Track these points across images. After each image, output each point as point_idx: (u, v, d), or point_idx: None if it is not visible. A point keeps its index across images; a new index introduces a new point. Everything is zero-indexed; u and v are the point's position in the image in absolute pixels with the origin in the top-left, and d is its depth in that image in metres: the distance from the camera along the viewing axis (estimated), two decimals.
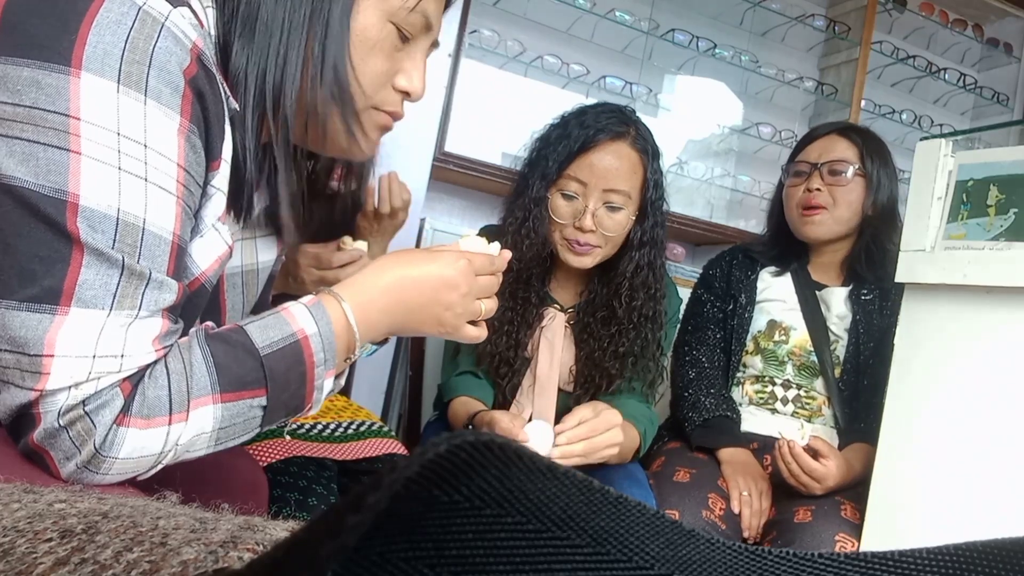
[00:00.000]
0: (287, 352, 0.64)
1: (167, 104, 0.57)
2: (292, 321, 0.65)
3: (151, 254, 0.57)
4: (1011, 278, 1.07)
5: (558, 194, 1.28)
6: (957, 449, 1.13)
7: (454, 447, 0.19)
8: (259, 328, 0.64)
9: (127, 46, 0.55)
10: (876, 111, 2.96)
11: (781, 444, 1.32)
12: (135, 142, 0.56)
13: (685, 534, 0.22)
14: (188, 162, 0.60)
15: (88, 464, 0.56)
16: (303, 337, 0.65)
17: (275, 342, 0.63)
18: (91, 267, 0.54)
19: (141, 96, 0.56)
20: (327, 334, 0.66)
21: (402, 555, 0.21)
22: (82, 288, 0.54)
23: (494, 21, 2.48)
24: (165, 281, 0.59)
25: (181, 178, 0.59)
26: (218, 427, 0.61)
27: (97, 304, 0.55)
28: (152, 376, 0.59)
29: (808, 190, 1.53)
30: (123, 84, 0.55)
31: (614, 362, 1.32)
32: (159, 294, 0.58)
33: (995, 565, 0.21)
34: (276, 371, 0.63)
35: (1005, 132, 2.87)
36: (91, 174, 0.54)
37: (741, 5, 2.80)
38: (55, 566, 0.26)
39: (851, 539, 1.24)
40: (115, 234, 0.55)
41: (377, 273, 0.73)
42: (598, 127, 1.25)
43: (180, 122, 0.58)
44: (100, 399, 0.56)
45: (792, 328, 1.56)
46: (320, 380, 0.67)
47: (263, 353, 0.63)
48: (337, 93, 0.68)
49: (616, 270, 1.32)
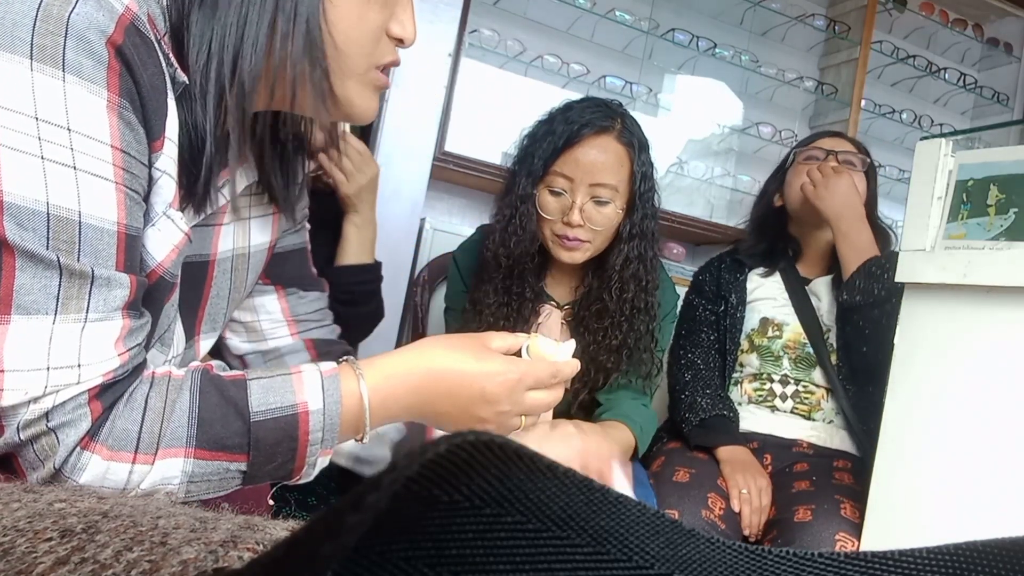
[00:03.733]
0: (280, 423, 0.58)
1: (89, 79, 0.50)
2: (298, 390, 0.60)
3: (93, 249, 0.52)
4: (1011, 278, 1.07)
5: (545, 190, 1.28)
6: (957, 448, 1.13)
7: (454, 447, 0.19)
8: (261, 388, 0.59)
9: (39, 15, 0.48)
10: (876, 111, 2.96)
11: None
12: (56, 126, 0.50)
13: (685, 534, 0.22)
14: (124, 142, 0.53)
15: (52, 479, 0.53)
16: (303, 412, 0.59)
17: (271, 409, 0.58)
18: (25, 270, 0.49)
19: (58, 72, 0.49)
20: (332, 414, 0.60)
21: (402, 555, 0.21)
22: (20, 294, 0.49)
23: (494, 21, 2.48)
24: (113, 277, 0.53)
25: (118, 161, 0.53)
26: (188, 480, 0.56)
27: (39, 310, 0.50)
28: (128, 405, 0.55)
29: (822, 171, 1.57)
30: (36, 60, 0.48)
31: (609, 356, 1.32)
32: (108, 292, 0.53)
33: (995, 565, 0.21)
34: (263, 441, 0.58)
35: (1005, 132, 2.87)
36: (12, 167, 0.48)
37: (741, 5, 2.80)
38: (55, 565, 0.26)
39: (851, 538, 1.24)
40: (47, 231, 0.50)
41: (413, 359, 0.65)
42: (582, 122, 1.25)
43: (108, 97, 0.52)
44: (64, 416, 0.52)
45: (785, 323, 1.59)
46: (313, 458, 0.61)
47: (253, 419, 0.57)
48: (333, 55, 0.63)
49: (607, 263, 1.32)
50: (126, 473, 0.54)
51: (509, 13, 2.52)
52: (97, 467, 0.53)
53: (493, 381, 0.66)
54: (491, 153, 2.39)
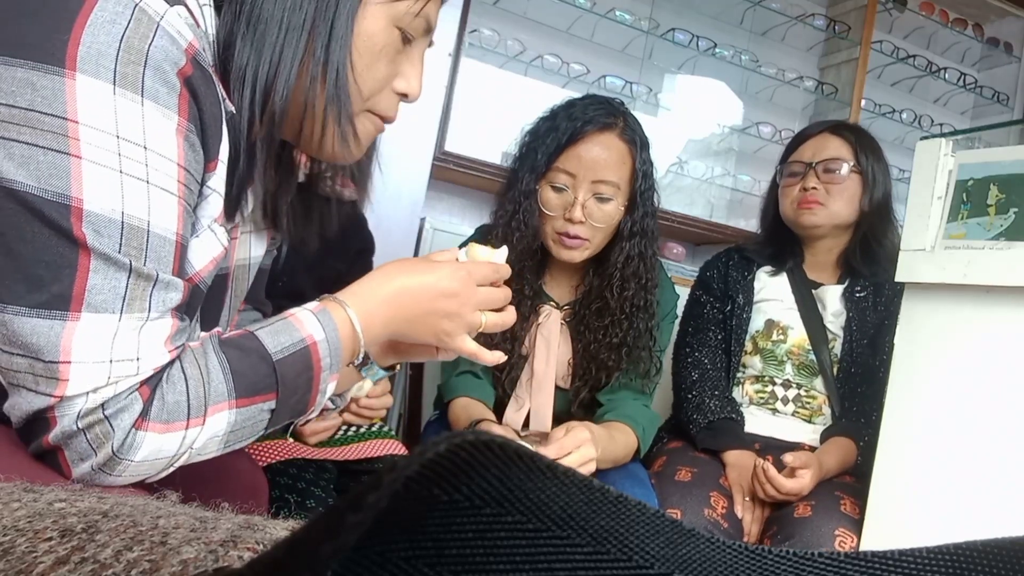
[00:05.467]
0: (297, 358, 0.65)
1: (164, 104, 0.57)
2: (301, 327, 0.66)
3: (156, 255, 0.58)
4: (1011, 278, 1.07)
5: (548, 187, 1.28)
6: (956, 448, 1.13)
7: (454, 447, 0.19)
8: (269, 334, 0.65)
9: (122, 46, 0.54)
10: (876, 110, 2.96)
11: (757, 466, 1.36)
12: (135, 144, 0.56)
13: (685, 533, 0.22)
14: (187, 161, 0.60)
15: (103, 466, 0.57)
16: (312, 343, 0.66)
17: (286, 347, 0.64)
18: (99, 272, 0.54)
19: (138, 97, 0.55)
20: (334, 340, 0.68)
21: (402, 554, 0.21)
22: (91, 293, 0.54)
23: (494, 21, 2.48)
24: (171, 281, 0.59)
25: (182, 177, 0.59)
26: (229, 430, 0.62)
27: (108, 308, 0.55)
28: (170, 381, 0.59)
29: (804, 189, 1.54)
30: (119, 86, 0.54)
31: (609, 354, 1.32)
32: (166, 294, 0.59)
33: (995, 565, 0.21)
34: (287, 376, 0.64)
35: (1005, 132, 2.86)
36: (93, 178, 0.54)
37: (741, 4, 2.80)
38: (55, 565, 0.26)
39: (851, 534, 1.24)
40: (121, 238, 0.55)
41: (379, 282, 0.74)
42: (586, 119, 1.26)
43: (178, 122, 0.58)
44: (119, 403, 0.56)
45: (790, 327, 1.57)
46: (324, 384, 0.68)
47: (275, 359, 0.64)
48: (335, 96, 0.68)
49: (608, 261, 1.32)
50: (179, 440, 0.59)
51: (509, 13, 2.52)
52: (153, 442, 0.57)
53: (447, 279, 0.76)
54: (491, 153, 2.39)
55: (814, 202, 1.52)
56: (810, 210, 1.53)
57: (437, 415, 1.53)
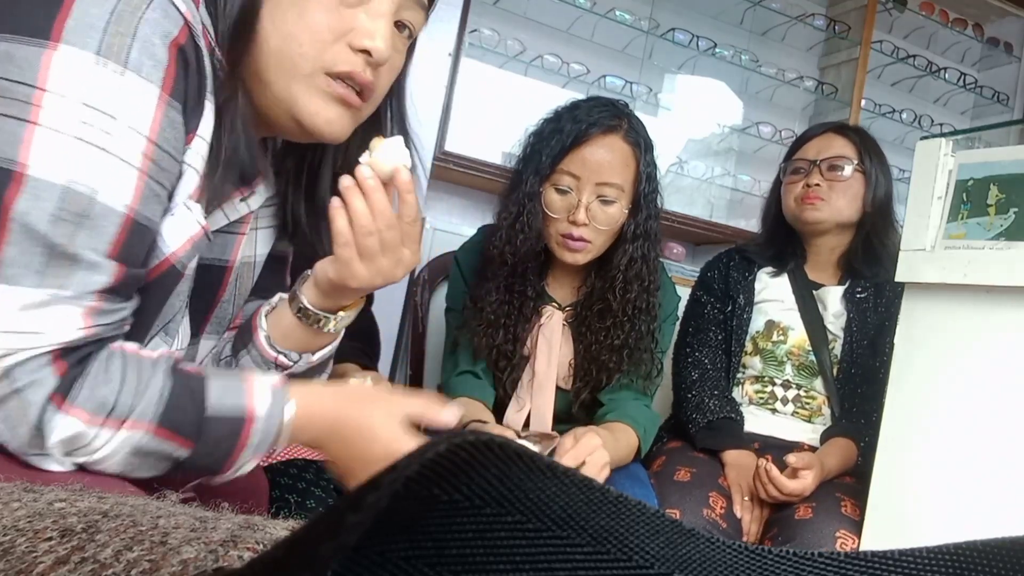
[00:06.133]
0: (229, 424, 0.62)
1: (147, 77, 0.56)
2: (249, 398, 0.63)
3: (96, 226, 0.56)
4: (1011, 278, 1.07)
5: (551, 188, 1.28)
6: (957, 448, 1.13)
7: (454, 447, 0.19)
8: (219, 387, 0.63)
9: (112, 17, 0.54)
10: (876, 110, 2.96)
11: (759, 467, 1.36)
12: (103, 113, 0.54)
13: (685, 533, 0.22)
14: (162, 137, 0.58)
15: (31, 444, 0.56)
16: (250, 419, 0.63)
17: (224, 409, 0.62)
18: (16, 244, 0.53)
19: (120, 68, 0.55)
20: (271, 426, 0.64)
21: (402, 554, 0.21)
22: (5, 265, 0.53)
23: (494, 20, 2.48)
24: (98, 263, 0.56)
25: (150, 152, 0.58)
26: (134, 452, 0.59)
27: (18, 282, 0.54)
28: (108, 374, 0.58)
29: (807, 185, 1.54)
30: (103, 55, 0.54)
31: (611, 355, 1.32)
32: (90, 276, 0.56)
33: (995, 565, 0.21)
34: (209, 436, 0.61)
35: (1005, 132, 2.86)
36: (44, 143, 0.53)
37: (741, 4, 2.79)
38: (55, 565, 0.26)
39: (851, 535, 1.24)
40: (59, 202, 0.54)
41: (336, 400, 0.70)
42: (590, 121, 1.25)
43: (160, 95, 0.57)
44: (27, 375, 0.54)
45: (790, 328, 1.57)
46: (244, 460, 0.65)
47: (207, 414, 0.61)
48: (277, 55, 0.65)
49: (611, 263, 1.32)
50: (94, 435, 0.57)
51: (509, 13, 2.52)
52: (74, 428, 0.56)
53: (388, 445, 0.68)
54: (491, 153, 2.39)
55: (816, 198, 1.53)
56: (813, 206, 1.53)
57: None
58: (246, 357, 0.80)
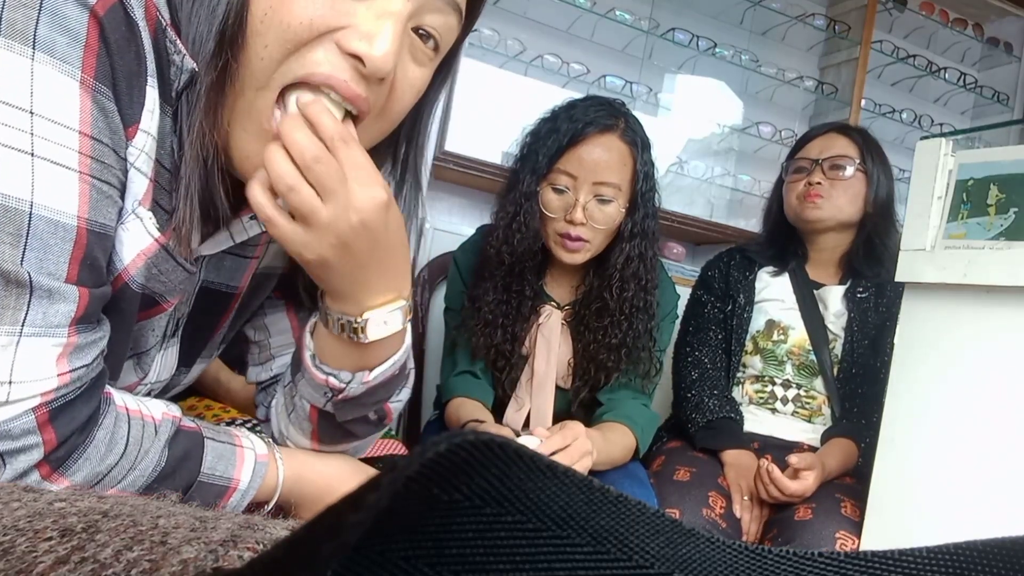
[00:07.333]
0: (214, 490, 0.61)
1: (62, 57, 0.45)
2: (237, 467, 0.62)
3: (42, 245, 0.45)
4: (1011, 278, 1.07)
5: (549, 188, 1.28)
6: (957, 448, 1.13)
7: (454, 446, 0.19)
8: (214, 454, 0.61)
9: None
10: (876, 110, 2.96)
11: (760, 467, 1.36)
12: (16, 108, 0.44)
13: (685, 533, 0.22)
14: (95, 128, 0.47)
15: None
16: (232, 488, 0.62)
17: (214, 476, 0.61)
18: None
19: (27, 49, 0.44)
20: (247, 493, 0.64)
21: (402, 554, 0.21)
22: None
23: (494, 20, 2.48)
24: (57, 289, 0.47)
25: (85, 148, 0.47)
26: None
27: None
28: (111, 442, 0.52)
29: (809, 184, 1.55)
30: (5, 36, 0.43)
31: (609, 354, 1.32)
32: (49, 306, 0.46)
33: (995, 565, 0.21)
34: (192, 496, 0.60)
35: (1005, 131, 2.86)
36: None
37: (741, 4, 2.79)
38: (55, 565, 0.26)
39: (851, 536, 1.24)
40: None
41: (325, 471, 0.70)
42: (587, 120, 1.25)
43: (81, 78, 0.46)
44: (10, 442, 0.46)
45: (790, 328, 1.57)
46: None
47: (199, 480, 0.60)
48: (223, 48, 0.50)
49: (608, 262, 1.32)
50: None
51: (509, 13, 2.52)
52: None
53: None
54: (491, 153, 2.39)
55: (818, 196, 1.53)
56: (814, 204, 1.54)
57: (437, 415, 1.53)
58: (302, 382, 0.68)
